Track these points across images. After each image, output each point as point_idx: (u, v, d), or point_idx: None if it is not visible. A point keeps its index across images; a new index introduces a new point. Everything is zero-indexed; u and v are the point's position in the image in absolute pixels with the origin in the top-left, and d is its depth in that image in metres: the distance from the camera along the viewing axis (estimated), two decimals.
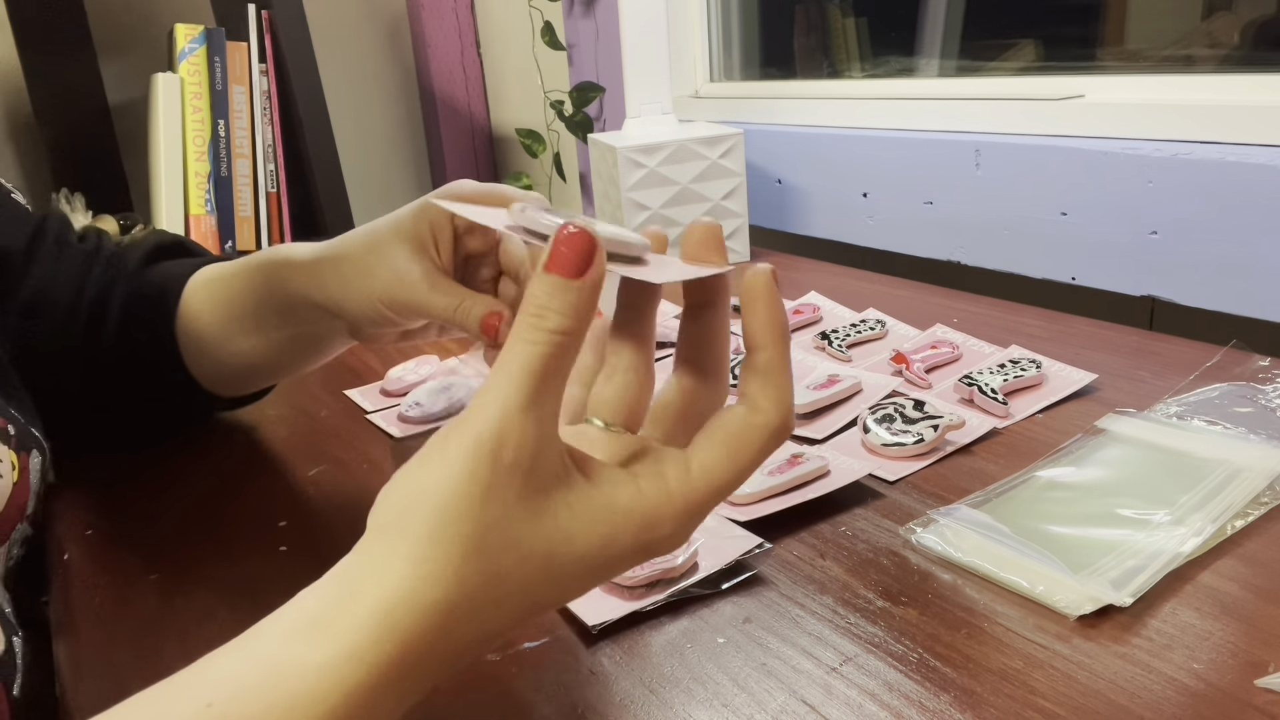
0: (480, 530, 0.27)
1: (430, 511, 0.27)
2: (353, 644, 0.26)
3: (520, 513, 0.27)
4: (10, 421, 0.48)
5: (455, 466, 0.26)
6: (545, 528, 0.27)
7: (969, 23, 1.07)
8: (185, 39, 1.28)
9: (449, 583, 0.27)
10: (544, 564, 0.28)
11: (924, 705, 0.34)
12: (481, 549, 0.27)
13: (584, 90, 1.44)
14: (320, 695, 0.26)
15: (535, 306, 0.27)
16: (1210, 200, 0.71)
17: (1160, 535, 0.42)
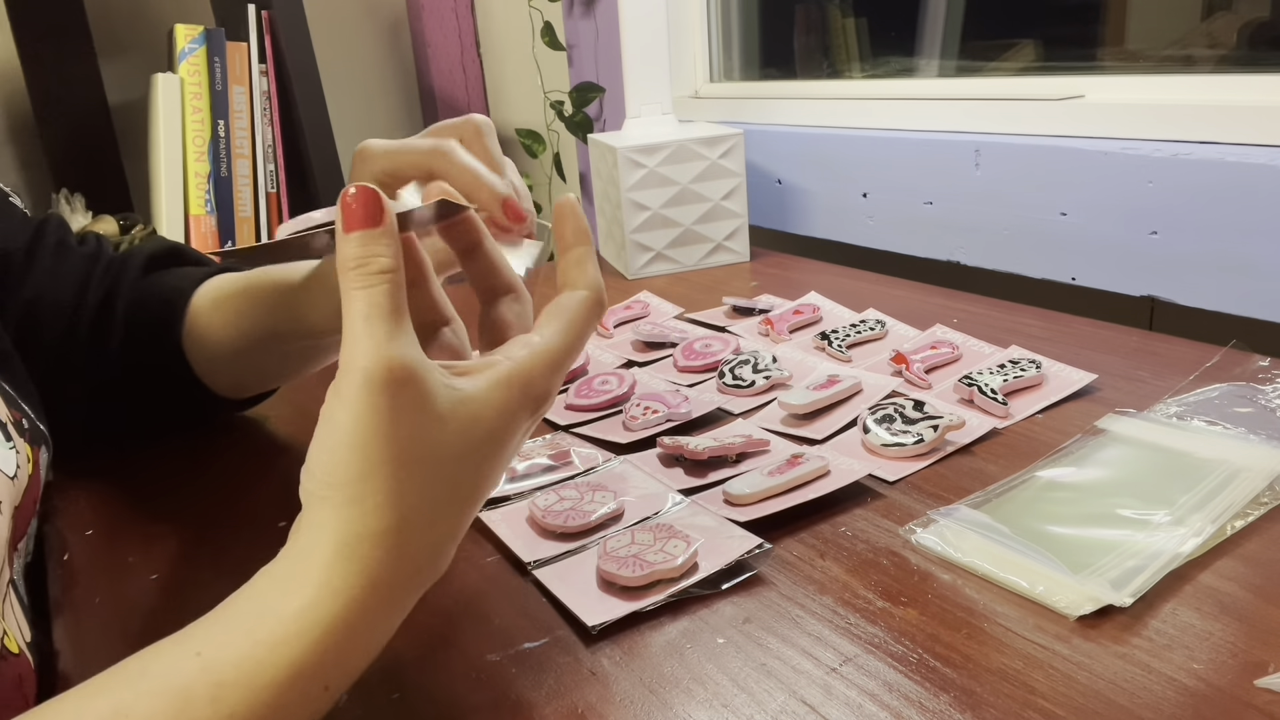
0: (401, 449, 0.30)
1: (352, 455, 0.29)
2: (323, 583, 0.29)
3: (427, 420, 0.30)
4: (23, 415, 0.48)
5: (355, 407, 0.29)
6: (453, 424, 0.31)
7: (969, 23, 1.07)
8: (185, 39, 1.28)
9: (394, 506, 0.30)
10: (464, 454, 0.31)
11: (924, 705, 0.34)
12: (409, 464, 0.30)
13: (584, 90, 1.44)
14: (301, 632, 0.28)
15: (354, 261, 0.30)
16: (1210, 200, 0.71)
17: (1160, 535, 0.42)
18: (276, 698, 0.28)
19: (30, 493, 0.46)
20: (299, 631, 0.28)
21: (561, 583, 0.43)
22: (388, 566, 0.30)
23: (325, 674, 0.29)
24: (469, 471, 0.32)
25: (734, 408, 0.62)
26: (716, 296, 0.87)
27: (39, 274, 0.57)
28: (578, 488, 0.51)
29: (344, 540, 0.29)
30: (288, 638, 0.28)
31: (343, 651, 0.29)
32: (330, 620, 0.29)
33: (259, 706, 0.27)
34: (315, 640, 0.28)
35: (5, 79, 1.40)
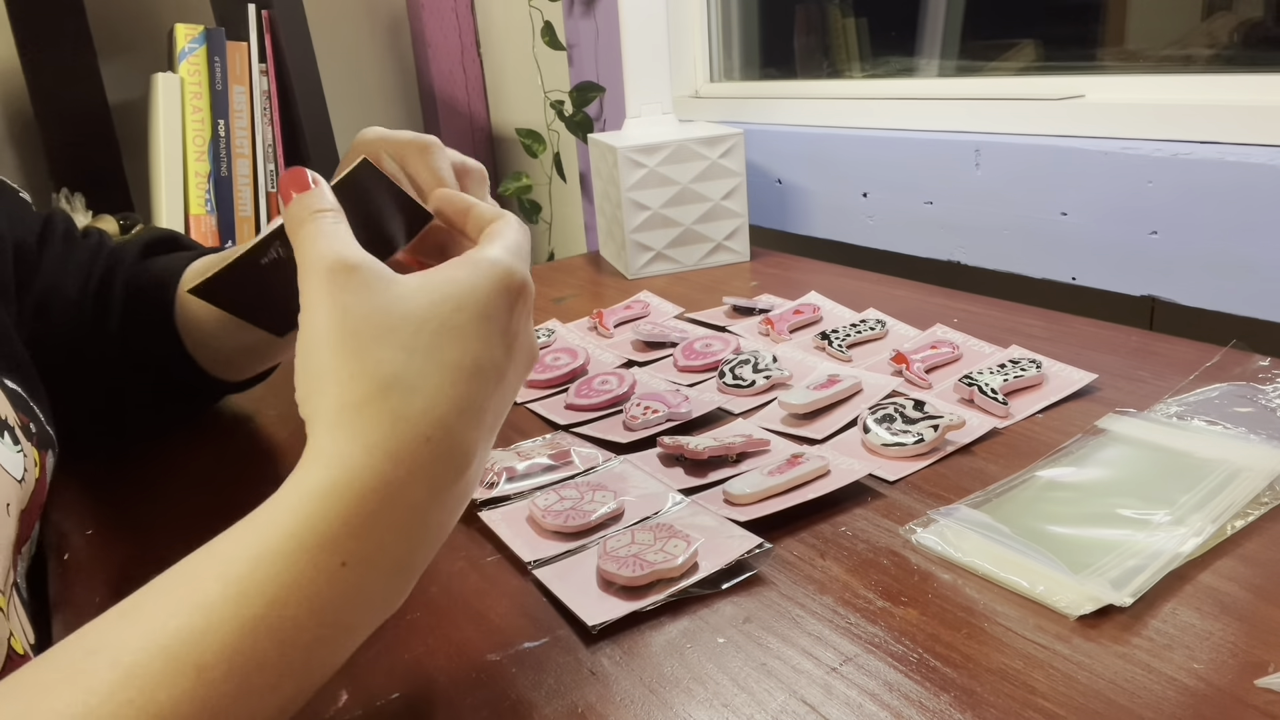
0: (363, 322, 0.31)
1: (323, 343, 0.31)
2: (313, 457, 0.30)
3: (388, 294, 0.32)
4: (31, 419, 0.48)
5: (315, 302, 0.31)
6: (418, 297, 0.32)
7: (969, 23, 1.07)
8: (185, 39, 1.28)
9: (370, 375, 0.30)
10: (437, 322, 0.32)
11: (924, 705, 0.34)
12: (376, 335, 0.31)
13: (584, 90, 1.44)
14: (299, 502, 0.29)
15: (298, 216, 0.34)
16: (1210, 200, 0.71)
17: (1160, 535, 0.42)
18: (286, 569, 0.27)
19: (36, 497, 0.46)
20: (296, 501, 0.29)
21: (561, 582, 0.43)
22: (382, 431, 0.30)
23: (338, 546, 0.28)
24: (451, 340, 0.32)
25: (734, 407, 0.62)
26: (716, 296, 0.87)
27: (50, 265, 0.58)
28: (578, 487, 0.51)
29: (330, 416, 0.30)
30: (286, 508, 0.28)
31: (351, 522, 0.28)
32: (326, 486, 0.29)
33: (267, 581, 0.27)
34: (314, 508, 0.28)
35: (5, 79, 1.40)
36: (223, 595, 0.27)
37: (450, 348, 0.32)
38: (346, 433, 0.29)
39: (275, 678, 0.27)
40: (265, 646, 0.27)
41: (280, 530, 0.28)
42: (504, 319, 0.34)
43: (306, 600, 0.27)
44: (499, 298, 0.33)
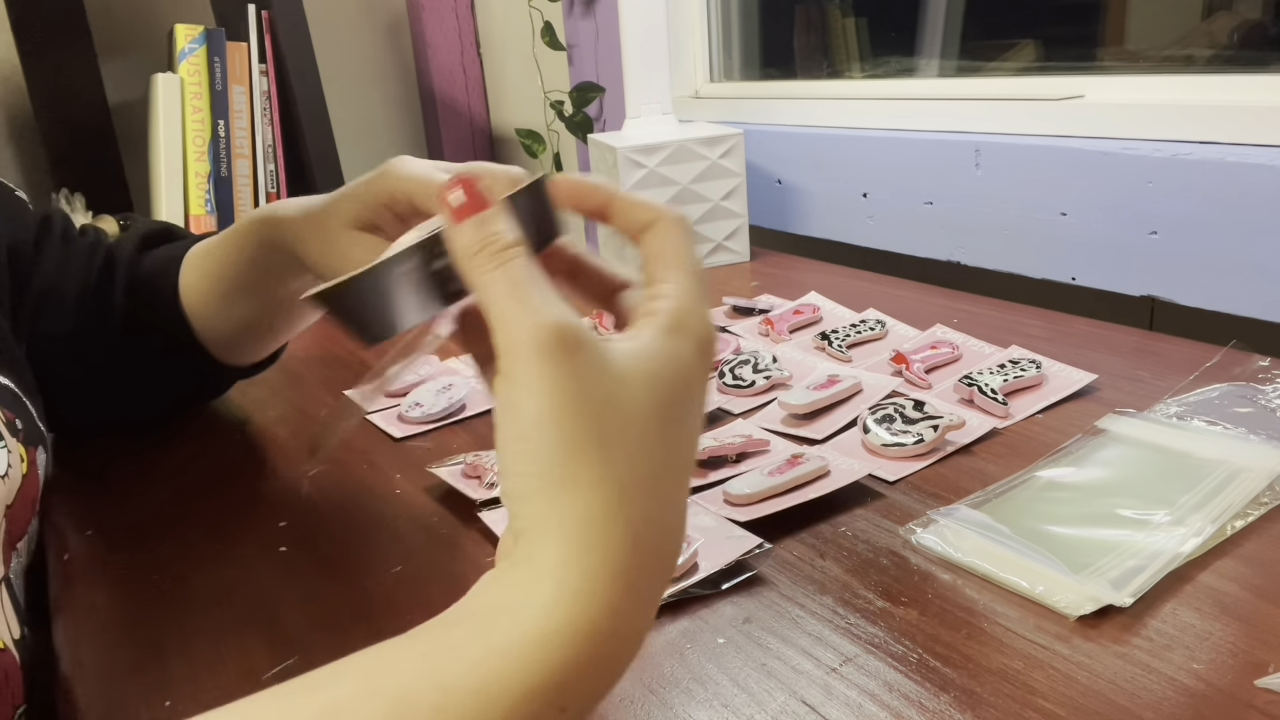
0: (598, 416, 0.26)
1: (549, 434, 0.26)
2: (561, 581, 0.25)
3: (611, 381, 0.27)
4: (18, 415, 0.48)
5: (536, 384, 0.26)
6: (635, 382, 0.27)
7: (969, 23, 1.07)
8: (185, 39, 1.28)
9: (611, 479, 0.26)
10: (659, 411, 0.27)
11: (924, 705, 0.34)
12: (612, 431, 0.26)
13: (584, 90, 1.44)
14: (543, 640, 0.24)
15: (475, 246, 0.28)
16: (1210, 200, 0.71)
17: (1160, 535, 0.42)
18: (506, 714, 0.24)
19: (26, 492, 0.46)
20: (540, 639, 0.24)
21: None
22: (626, 551, 0.25)
23: (564, 694, 0.25)
24: (673, 430, 0.28)
25: (734, 408, 0.62)
26: (717, 296, 0.87)
27: (49, 266, 0.58)
28: None
29: (572, 529, 0.25)
30: (526, 645, 0.24)
31: (586, 666, 0.25)
32: (575, 626, 0.24)
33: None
34: (557, 650, 0.24)
35: (5, 79, 1.40)
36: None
37: (676, 438, 0.28)
38: (596, 558, 0.25)
39: None
40: None
41: (517, 673, 0.24)
42: (704, 385, 0.30)
43: None
44: (699, 361, 0.29)
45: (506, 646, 0.24)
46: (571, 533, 0.25)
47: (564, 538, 0.25)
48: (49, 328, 0.57)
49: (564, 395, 0.26)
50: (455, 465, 0.55)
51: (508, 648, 0.24)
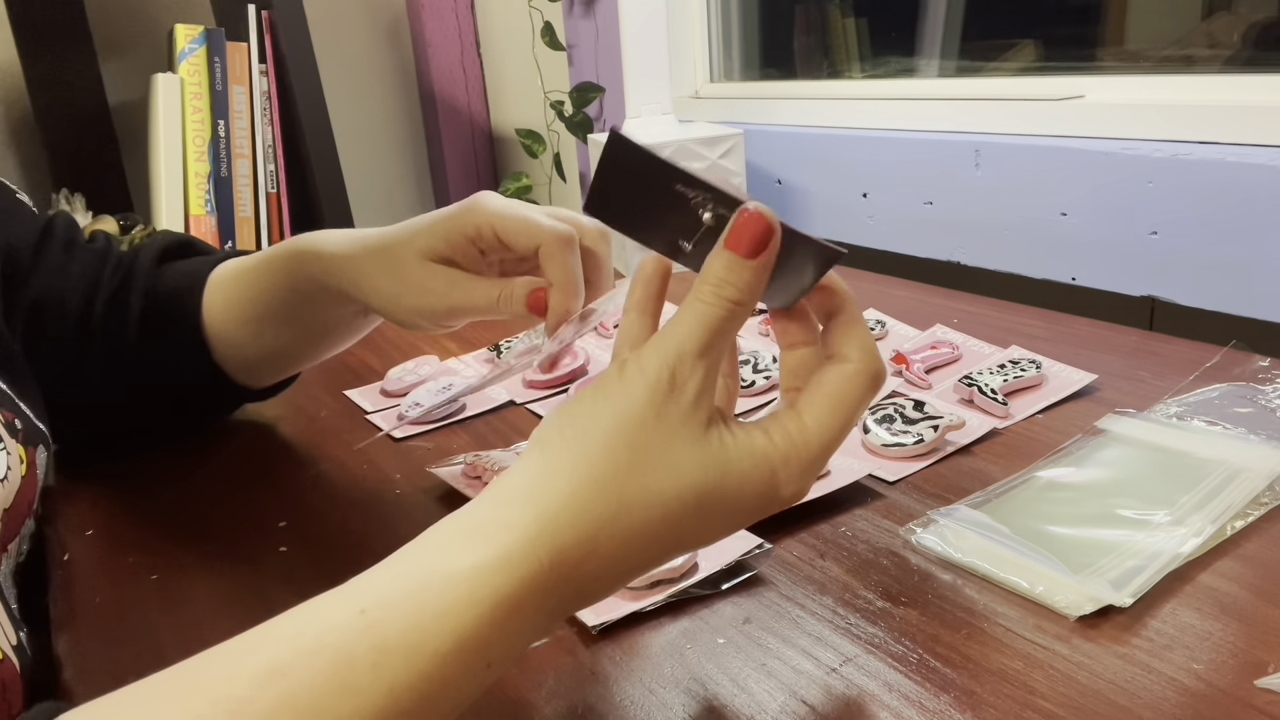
0: (648, 447, 0.29)
1: (606, 425, 0.29)
2: (506, 550, 0.27)
3: (684, 438, 0.30)
4: (17, 415, 0.48)
5: (631, 390, 0.29)
6: (702, 454, 0.30)
7: (969, 23, 1.07)
8: (185, 39, 1.28)
9: (610, 494, 0.29)
10: (696, 491, 0.30)
11: (924, 705, 0.34)
12: (646, 465, 0.29)
13: (584, 90, 1.44)
14: (471, 601, 0.27)
15: (715, 279, 0.30)
16: (1210, 200, 0.71)
17: (1160, 535, 0.42)
18: (439, 669, 0.26)
19: (24, 494, 0.46)
20: (472, 601, 0.27)
21: None
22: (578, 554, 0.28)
23: (491, 650, 0.27)
24: (689, 511, 0.30)
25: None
26: None
27: (48, 272, 0.57)
28: None
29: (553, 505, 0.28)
30: (457, 606, 0.27)
31: (511, 630, 0.28)
32: (503, 594, 0.27)
33: (419, 679, 0.26)
34: (481, 614, 0.27)
35: (5, 79, 1.40)
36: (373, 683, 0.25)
37: (676, 516, 0.30)
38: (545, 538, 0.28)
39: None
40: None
41: (447, 631, 0.27)
42: (747, 519, 0.33)
43: (453, 693, 0.27)
44: (761, 504, 0.32)
45: (440, 607, 0.26)
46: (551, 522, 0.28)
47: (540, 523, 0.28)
48: (47, 334, 0.56)
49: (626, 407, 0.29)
50: (455, 465, 0.55)
51: (442, 608, 0.26)
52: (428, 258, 0.47)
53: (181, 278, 0.59)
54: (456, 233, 0.46)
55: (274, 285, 0.54)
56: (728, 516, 0.31)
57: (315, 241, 0.52)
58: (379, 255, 0.48)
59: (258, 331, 0.56)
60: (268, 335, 0.57)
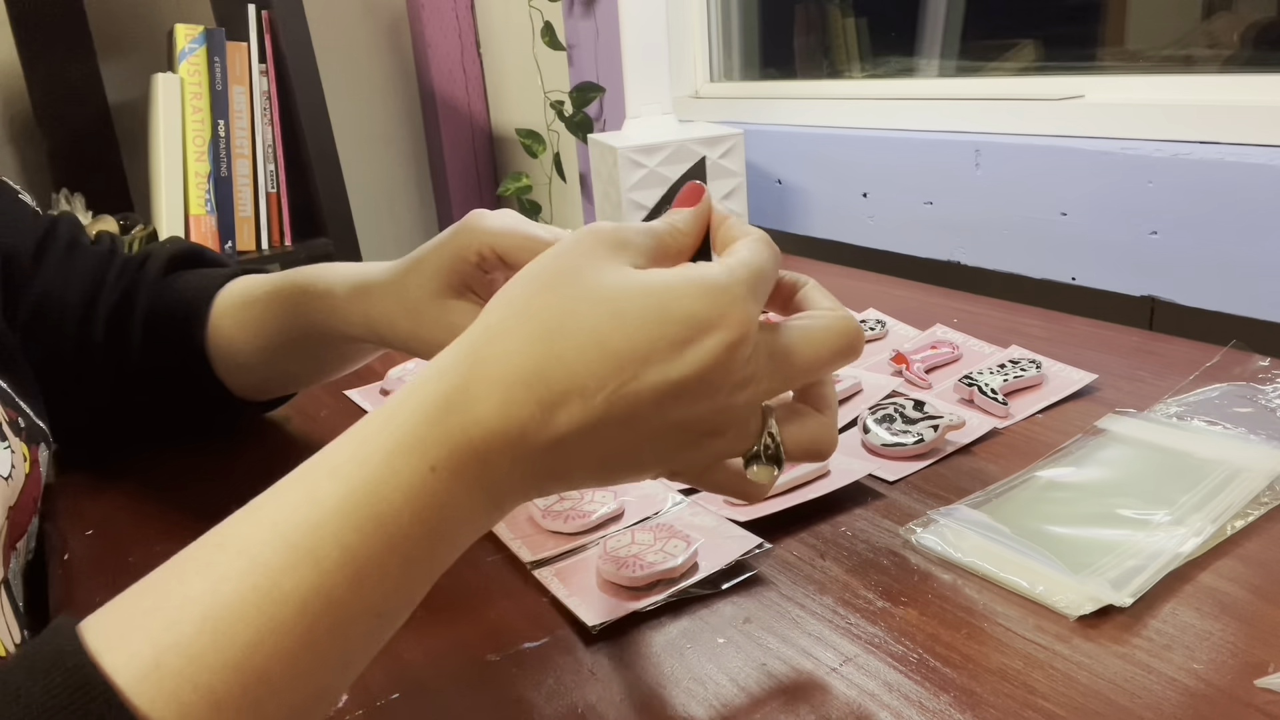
0: (556, 271, 0.31)
1: (525, 273, 0.32)
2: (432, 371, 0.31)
3: (597, 259, 0.32)
4: (19, 414, 0.48)
5: (556, 248, 0.33)
6: (618, 273, 0.31)
7: (969, 23, 1.07)
8: (185, 39, 1.28)
9: (521, 314, 0.31)
10: (612, 306, 0.30)
11: (924, 705, 0.34)
12: (554, 284, 0.31)
13: (584, 90, 1.44)
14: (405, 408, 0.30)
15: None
16: (1210, 200, 0.71)
17: (1160, 535, 0.42)
18: (384, 467, 0.28)
19: (29, 491, 0.46)
20: (402, 407, 0.30)
21: (561, 583, 0.43)
22: (496, 347, 0.30)
23: (427, 451, 0.29)
24: (609, 326, 0.30)
25: None
26: None
27: (49, 272, 0.57)
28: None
29: (472, 334, 0.31)
30: (392, 415, 0.30)
31: (443, 427, 0.29)
32: (432, 396, 0.30)
33: (371, 480, 0.28)
34: (416, 412, 0.29)
35: (5, 79, 1.40)
36: (332, 490, 0.28)
37: (631, 332, 0.30)
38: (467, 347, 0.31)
39: (381, 572, 0.28)
40: (372, 539, 0.28)
41: (388, 434, 0.29)
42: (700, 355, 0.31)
43: (404, 497, 0.28)
44: (708, 333, 0.31)
45: (378, 420, 0.30)
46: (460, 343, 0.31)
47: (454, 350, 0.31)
48: (48, 335, 0.56)
49: (548, 256, 0.32)
50: None
51: (379, 421, 0.30)
52: (441, 292, 0.46)
53: (190, 291, 0.58)
54: (460, 260, 0.45)
55: (281, 320, 0.54)
56: (652, 329, 0.30)
57: (324, 282, 0.51)
58: (392, 296, 0.47)
59: (264, 359, 0.56)
60: (274, 362, 0.56)
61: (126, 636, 0.25)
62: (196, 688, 0.24)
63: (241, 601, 0.26)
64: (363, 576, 0.28)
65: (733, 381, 0.31)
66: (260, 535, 0.28)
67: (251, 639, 0.26)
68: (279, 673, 0.26)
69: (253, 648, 0.25)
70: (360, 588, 0.27)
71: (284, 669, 0.26)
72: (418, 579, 0.30)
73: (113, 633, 0.26)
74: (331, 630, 0.27)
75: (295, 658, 0.26)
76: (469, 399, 0.30)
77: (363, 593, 0.28)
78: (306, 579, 0.27)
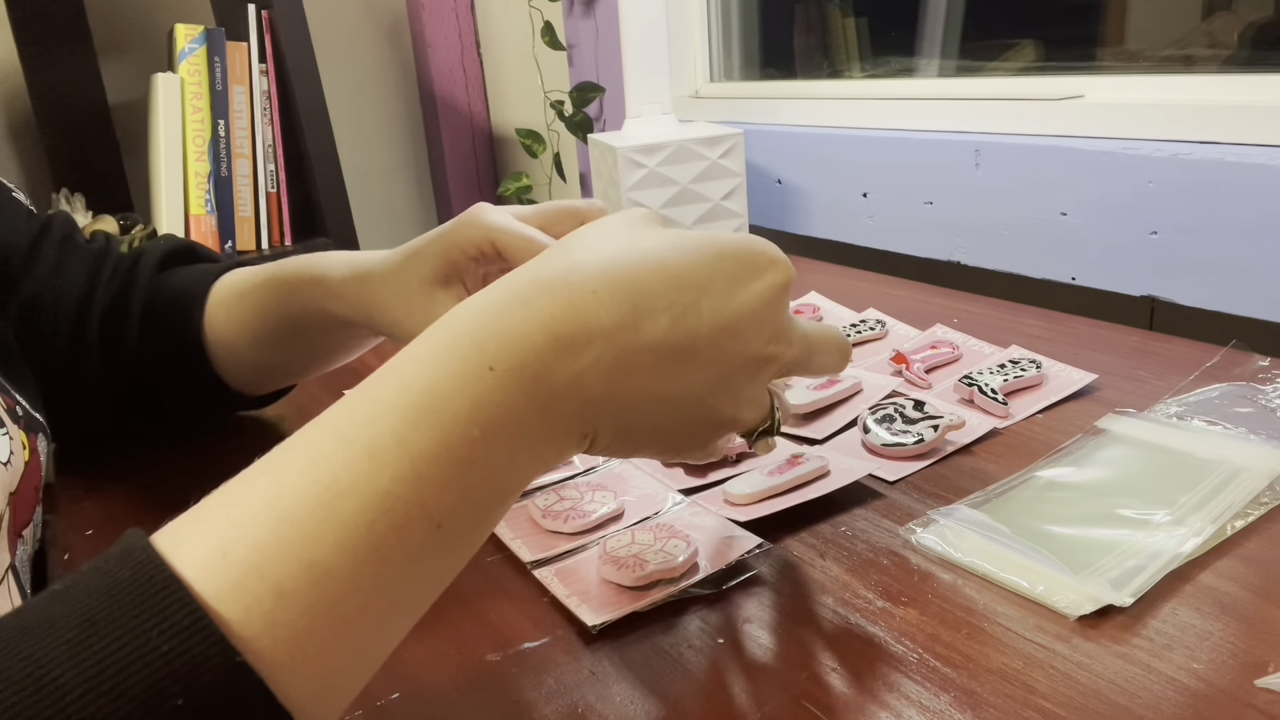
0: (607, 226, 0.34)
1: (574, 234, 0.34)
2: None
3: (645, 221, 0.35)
4: (16, 403, 0.48)
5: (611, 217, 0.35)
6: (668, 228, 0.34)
7: (969, 23, 1.07)
8: (185, 39, 1.28)
9: (579, 245, 0.33)
10: (671, 241, 0.33)
11: (924, 705, 0.34)
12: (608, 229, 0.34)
13: (584, 90, 1.44)
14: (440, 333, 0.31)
15: None
16: (1210, 200, 0.71)
17: (1160, 535, 0.42)
18: (441, 365, 0.29)
19: (29, 479, 0.46)
20: (463, 310, 0.31)
21: (561, 583, 0.43)
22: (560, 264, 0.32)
23: (485, 349, 0.29)
24: (663, 247, 0.32)
25: None
26: None
27: (42, 270, 0.57)
28: (578, 487, 0.51)
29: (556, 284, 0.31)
30: (452, 316, 0.31)
31: (494, 326, 0.30)
32: (494, 300, 0.31)
33: (427, 377, 0.29)
34: (475, 314, 0.30)
35: (5, 79, 1.40)
36: (390, 387, 0.29)
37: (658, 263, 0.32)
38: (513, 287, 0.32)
39: (440, 472, 0.28)
40: (428, 434, 0.28)
41: (439, 334, 0.30)
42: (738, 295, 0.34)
43: (460, 393, 0.28)
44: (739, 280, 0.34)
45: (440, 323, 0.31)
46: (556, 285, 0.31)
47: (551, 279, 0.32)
48: (42, 332, 0.56)
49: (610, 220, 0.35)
50: None
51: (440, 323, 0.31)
52: (434, 282, 0.46)
53: (185, 285, 0.58)
54: (458, 251, 0.46)
55: (277, 308, 0.54)
56: (727, 260, 0.33)
57: (319, 268, 0.51)
58: (385, 283, 0.48)
59: (260, 349, 0.56)
60: (270, 352, 0.57)
61: (196, 532, 0.25)
62: (263, 577, 0.24)
63: (304, 494, 0.26)
64: (420, 474, 0.27)
65: (777, 329, 0.34)
66: (323, 433, 0.28)
67: (314, 531, 0.25)
68: (343, 568, 0.25)
69: (316, 540, 0.25)
70: (419, 486, 0.27)
71: (349, 566, 0.26)
72: (479, 492, 0.29)
73: (183, 532, 0.25)
74: (393, 531, 0.26)
75: (358, 555, 0.26)
76: (532, 305, 0.30)
77: (421, 493, 0.27)
78: (365, 473, 0.26)
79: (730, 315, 0.33)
